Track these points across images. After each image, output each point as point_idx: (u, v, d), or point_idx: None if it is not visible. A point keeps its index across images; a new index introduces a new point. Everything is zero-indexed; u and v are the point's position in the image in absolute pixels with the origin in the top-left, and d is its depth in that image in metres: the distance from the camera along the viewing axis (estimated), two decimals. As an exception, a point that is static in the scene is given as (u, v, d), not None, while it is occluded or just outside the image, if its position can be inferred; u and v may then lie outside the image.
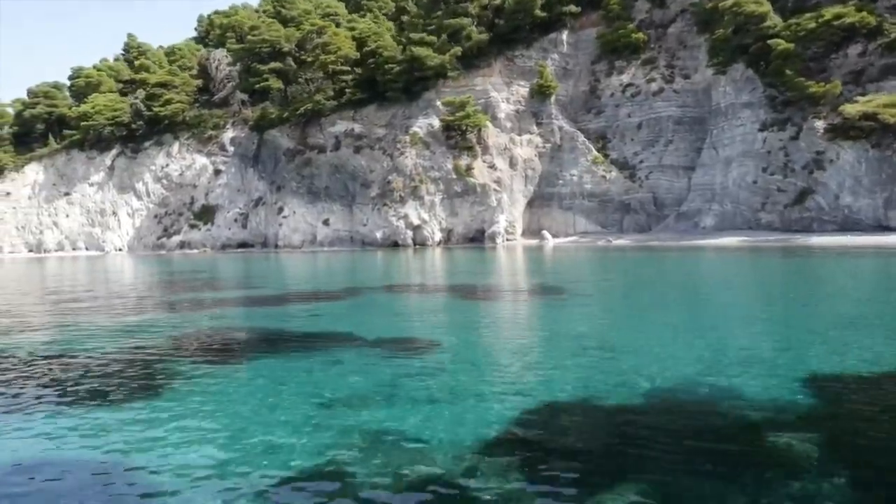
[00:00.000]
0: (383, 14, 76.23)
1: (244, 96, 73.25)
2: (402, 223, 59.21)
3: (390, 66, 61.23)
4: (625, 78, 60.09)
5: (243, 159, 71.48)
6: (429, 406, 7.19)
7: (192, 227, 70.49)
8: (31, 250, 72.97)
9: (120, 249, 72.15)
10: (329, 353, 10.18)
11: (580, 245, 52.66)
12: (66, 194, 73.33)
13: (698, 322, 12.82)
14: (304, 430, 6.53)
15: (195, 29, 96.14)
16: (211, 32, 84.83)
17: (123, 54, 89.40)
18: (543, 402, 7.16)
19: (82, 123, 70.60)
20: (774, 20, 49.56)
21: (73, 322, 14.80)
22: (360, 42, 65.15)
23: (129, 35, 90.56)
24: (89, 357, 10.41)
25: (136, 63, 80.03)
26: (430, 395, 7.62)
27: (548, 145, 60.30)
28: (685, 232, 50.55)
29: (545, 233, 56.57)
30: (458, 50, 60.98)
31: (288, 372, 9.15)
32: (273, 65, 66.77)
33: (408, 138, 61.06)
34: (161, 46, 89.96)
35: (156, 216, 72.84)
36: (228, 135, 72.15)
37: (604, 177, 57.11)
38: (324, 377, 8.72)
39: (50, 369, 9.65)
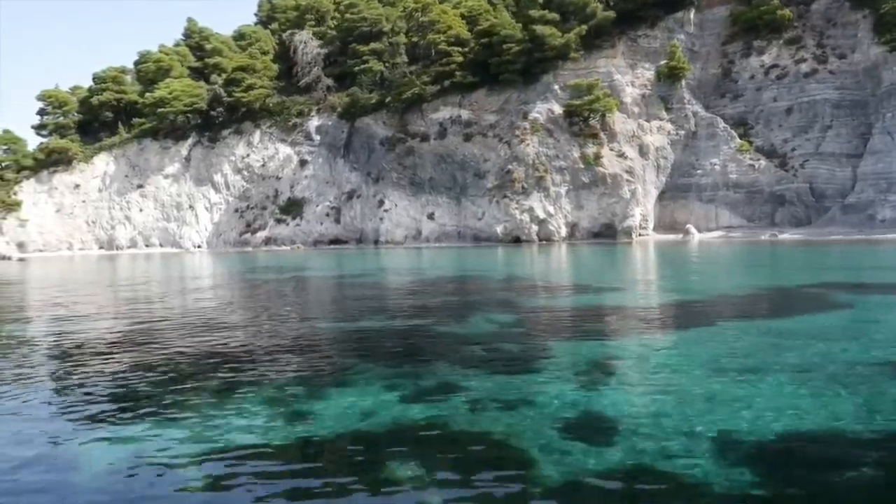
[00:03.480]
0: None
1: (329, 81, 68.31)
2: (526, 217, 54.33)
3: (508, 46, 56.23)
4: (766, 59, 55.34)
5: (331, 149, 66.47)
6: None
7: (279, 221, 65.41)
8: (101, 247, 67.76)
9: (199, 246, 67.02)
10: None
11: (734, 240, 47.71)
12: (140, 187, 68.15)
13: None
14: None
15: (255, 14, 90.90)
16: (281, 15, 79.40)
17: (184, 40, 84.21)
18: None
19: (159, 110, 65.40)
20: (965, -9, 44.84)
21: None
22: (469, 20, 60.12)
23: (190, 20, 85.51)
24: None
25: (208, 47, 74.85)
26: None
27: (681, 132, 55.46)
28: (859, 225, 45.77)
29: (690, 227, 51.68)
30: (583, 29, 56.16)
31: None
32: (374, 45, 61.63)
33: (527, 125, 56.18)
34: (217, 34, 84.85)
35: (236, 210, 67.75)
36: (314, 123, 67.14)
37: (752, 166, 52.30)
38: None
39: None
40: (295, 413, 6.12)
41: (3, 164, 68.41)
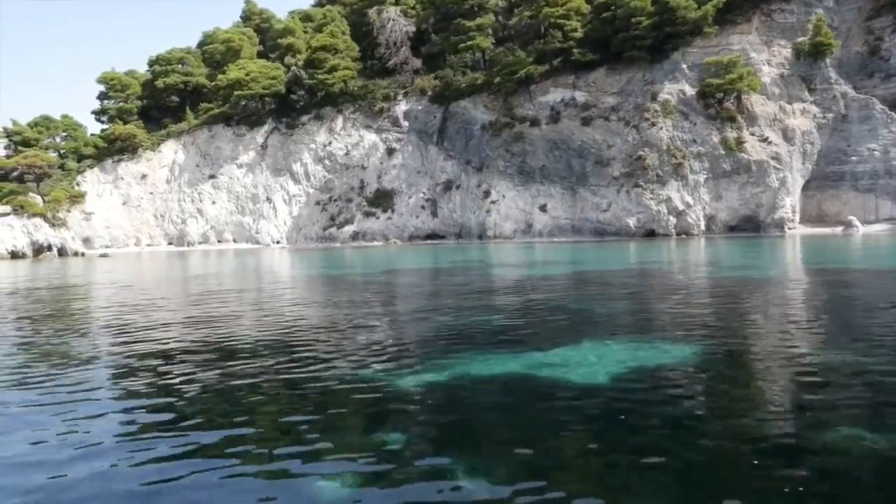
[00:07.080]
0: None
1: (418, 62, 62.90)
2: (663, 208, 49.05)
3: (636, 19, 50.95)
4: (924, 34, 50.14)
5: (422, 135, 61.03)
6: None
7: (368, 215, 59.91)
8: (170, 242, 62.16)
9: (278, 242, 61.47)
10: None
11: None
12: (211, 177, 62.54)
13: None
14: None
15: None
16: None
17: (242, 22, 78.72)
18: None
19: (236, 93, 59.79)
20: None
21: None
22: (587, -7, 54.85)
23: (248, 1, 79.97)
24: None
25: (277, 27, 69.35)
26: None
27: (828, 115, 50.23)
28: None
29: (853, 219, 46.44)
30: (720, 0, 50.85)
31: None
32: (480, 20, 56.14)
33: (658, 106, 50.89)
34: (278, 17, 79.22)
35: (318, 202, 62.20)
36: (401, 107, 61.72)
37: (919, 151, 47.12)
38: None
39: None
40: None
41: (63, 152, 62.74)
